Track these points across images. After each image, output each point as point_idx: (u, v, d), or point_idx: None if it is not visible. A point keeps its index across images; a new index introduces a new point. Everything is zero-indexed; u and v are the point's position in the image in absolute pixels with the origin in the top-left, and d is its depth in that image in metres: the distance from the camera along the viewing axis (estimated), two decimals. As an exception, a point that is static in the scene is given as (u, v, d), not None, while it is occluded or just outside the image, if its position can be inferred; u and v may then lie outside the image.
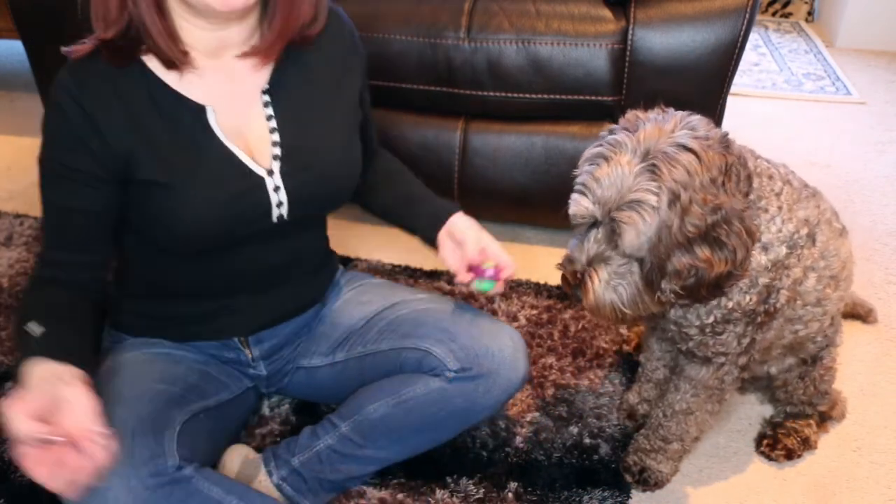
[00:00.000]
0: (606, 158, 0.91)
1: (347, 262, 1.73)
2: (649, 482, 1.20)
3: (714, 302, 1.00)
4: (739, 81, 2.76)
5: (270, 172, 1.01)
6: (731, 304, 1.00)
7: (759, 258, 0.98)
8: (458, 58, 1.64)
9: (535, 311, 1.57)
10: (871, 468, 1.25)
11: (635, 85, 1.61)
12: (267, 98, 1.02)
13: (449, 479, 1.21)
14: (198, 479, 0.94)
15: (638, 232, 0.88)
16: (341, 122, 1.10)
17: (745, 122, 2.47)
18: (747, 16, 1.52)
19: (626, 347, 1.46)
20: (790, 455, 1.26)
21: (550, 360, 1.44)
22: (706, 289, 0.92)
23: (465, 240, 1.14)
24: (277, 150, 1.02)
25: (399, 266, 1.73)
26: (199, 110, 0.97)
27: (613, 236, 0.92)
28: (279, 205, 1.02)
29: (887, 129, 2.44)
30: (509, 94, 1.66)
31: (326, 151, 1.06)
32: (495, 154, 1.72)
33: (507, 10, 1.64)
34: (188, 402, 1.03)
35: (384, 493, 1.18)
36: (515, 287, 1.64)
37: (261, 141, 1.01)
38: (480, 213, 1.89)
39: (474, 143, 1.73)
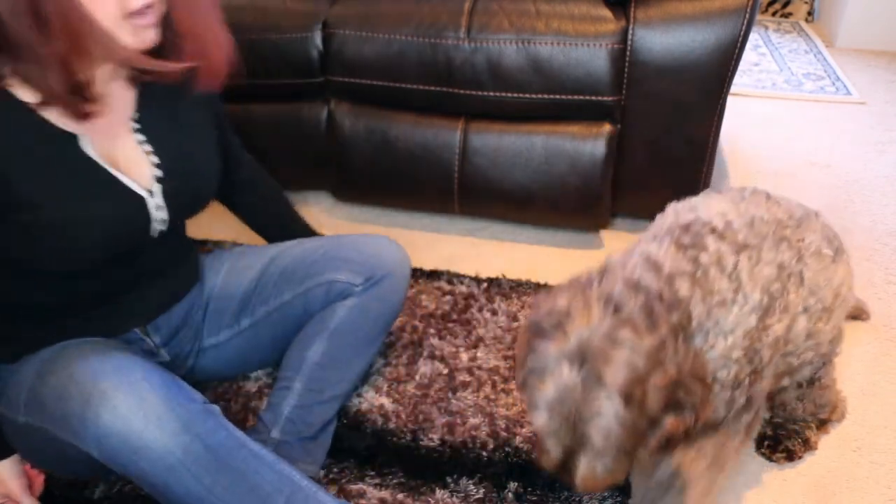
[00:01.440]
0: (550, 372, 0.87)
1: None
2: None
3: None
4: (739, 81, 2.76)
5: (150, 192, 1.03)
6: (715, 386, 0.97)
7: (724, 342, 0.94)
8: (458, 58, 1.65)
9: (535, 311, 1.57)
10: (872, 468, 1.25)
11: (635, 85, 1.61)
12: (137, 125, 1.04)
13: (449, 479, 1.21)
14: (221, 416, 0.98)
15: (591, 472, 0.87)
16: (208, 133, 1.15)
17: (745, 122, 2.47)
18: (747, 16, 1.52)
19: None
20: (791, 457, 1.26)
21: (550, 360, 1.44)
22: (682, 440, 0.90)
23: None
24: (159, 172, 1.04)
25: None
26: (72, 138, 0.95)
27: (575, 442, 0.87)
28: (162, 221, 1.06)
29: (887, 129, 2.44)
30: (509, 94, 1.66)
31: (201, 164, 1.12)
32: (495, 154, 1.72)
33: (507, 9, 1.64)
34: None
35: (384, 493, 1.18)
36: (516, 287, 1.64)
37: (137, 163, 1.03)
38: (480, 212, 1.90)
39: (474, 143, 1.73)
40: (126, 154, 1.02)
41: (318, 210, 1.97)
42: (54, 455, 1.04)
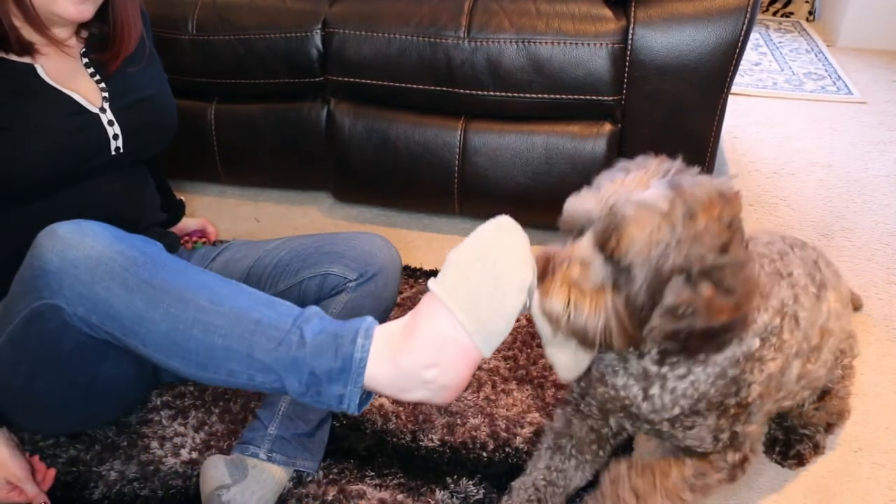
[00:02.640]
0: (626, 171, 0.82)
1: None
2: None
3: (680, 391, 0.90)
4: (740, 81, 2.76)
5: (103, 110, 1.17)
6: (696, 395, 0.91)
7: (715, 357, 0.89)
8: (458, 57, 1.64)
9: (535, 312, 1.56)
10: (873, 469, 1.25)
11: (636, 85, 1.61)
12: (86, 60, 1.20)
13: (449, 480, 1.20)
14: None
15: (643, 231, 0.75)
16: (159, 72, 1.31)
17: (746, 122, 2.47)
18: (748, 15, 1.51)
19: None
20: (802, 462, 1.24)
21: (551, 360, 1.44)
22: (698, 338, 0.80)
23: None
24: (105, 94, 1.19)
25: (399, 266, 1.73)
26: (28, 68, 1.11)
27: (607, 238, 0.78)
28: (115, 137, 1.18)
29: (888, 129, 2.43)
30: (509, 94, 1.66)
31: (152, 90, 1.25)
32: (495, 154, 1.72)
33: (508, 9, 1.64)
34: None
35: (384, 494, 1.18)
36: (516, 287, 1.64)
37: (89, 88, 1.18)
38: (480, 212, 1.90)
39: (474, 143, 1.72)
40: (78, 81, 1.17)
41: (318, 210, 1.97)
42: (27, 390, 1.09)
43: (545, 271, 0.84)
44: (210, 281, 0.97)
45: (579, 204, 0.82)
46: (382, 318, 1.28)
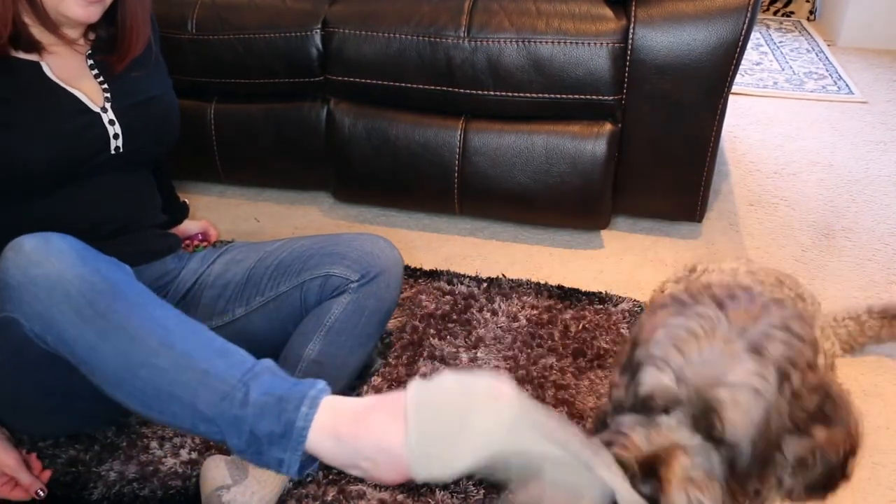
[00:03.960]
0: (696, 335, 0.77)
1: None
2: None
3: None
4: (741, 80, 2.75)
5: (104, 109, 1.18)
6: None
7: None
8: (458, 57, 1.64)
9: (535, 311, 1.56)
10: (874, 469, 1.25)
11: (636, 84, 1.61)
12: (91, 61, 1.20)
13: (449, 481, 1.20)
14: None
15: (744, 413, 0.74)
16: (163, 76, 1.31)
17: (747, 122, 2.47)
18: (748, 14, 1.51)
19: None
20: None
21: (551, 360, 1.44)
22: (839, 475, 0.80)
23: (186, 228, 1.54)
24: (107, 94, 1.20)
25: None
26: (34, 66, 1.13)
27: (702, 421, 0.76)
28: (115, 136, 1.18)
29: (889, 129, 2.43)
30: (509, 94, 1.66)
31: (155, 91, 1.26)
32: (495, 154, 1.72)
33: (508, 9, 1.64)
34: None
35: (384, 494, 1.17)
36: (516, 287, 1.64)
37: (92, 88, 1.19)
38: (480, 212, 1.90)
39: (474, 143, 1.72)
40: (81, 79, 1.18)
41: (318, 210, 1.97)
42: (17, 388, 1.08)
43: (645, 461, 0.79)
44: (166, 319, 0.95)
45: (661, 385, 0.78)
46: (384, 318, 1.29)
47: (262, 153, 1.90)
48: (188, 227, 1.55)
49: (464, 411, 0.80)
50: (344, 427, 0.85)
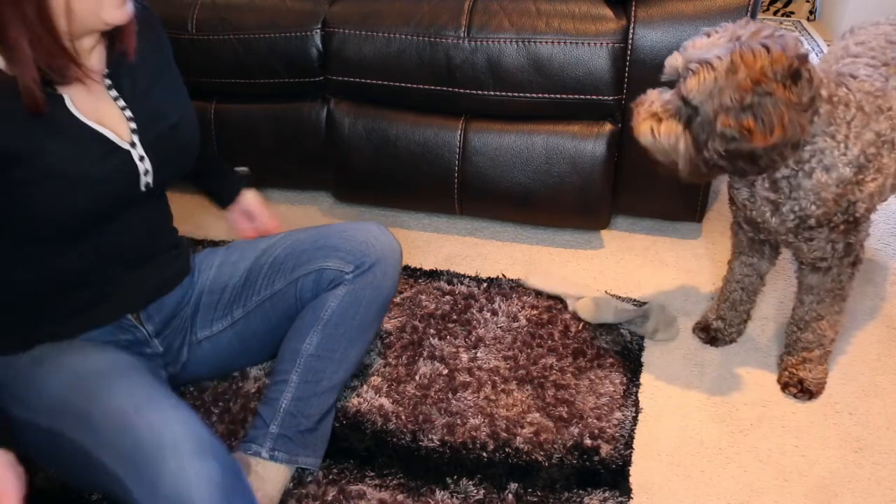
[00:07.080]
0: (707, 34, 1.11)
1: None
2: (811, 391, 1.36)
3: (788, 206, 1.18)
4: (741, 81, 2.75)
5: (133, 144, 1.08)
6: (804, 213, 1.18)
7: (821, 176, 1.15)
8: (458, 57, 1.64)
9: (535, 311, 1.56)
10: (874, 469, 1.25)
11: (636, 84, 1.60)
12: (109, 81, 1.09)
13: (449, 480, 1.20)
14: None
15: (698, 81, 1.06)
16: (180, 87, 1.22)
17: (747, 122, 2.46)
18: (748, 15, 1.51)
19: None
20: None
21: (551, 360, 1.44)
22: (744, 160, 1.09)
23: (257, 213, 1.40)
24: (133, 125, 1.09)
25: (399, 266, 1.72)
26: (56, 100, 1.01)
27: (680, 85, 1.09)
28: (146, 173, 1.10)
29: (889, 129, 2.43)
30: (509, 94, 1.66)
31: (177, 114, 1.16)
32: (495, 154, 1.72)
33: (508, 9, 1.64)
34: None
35: (384, 494, 1.18)
36: (516, 287, 1.64)
37: (117, 119, 1.08)
38: (480, 212, 1.90)
39: (474, 143, 1.72)
40: (105, 111, 1.08)
41: (318, 210, 1.97)
42: (79, 466, 1.01)
43: (638, 104, 1.16)
44: None
45: (671, 61, 1.14)
46: (383, 307, 1.28)
47: (262, 153, 1.90)
48: (248, 201, 1.40)
49: None
50: None
